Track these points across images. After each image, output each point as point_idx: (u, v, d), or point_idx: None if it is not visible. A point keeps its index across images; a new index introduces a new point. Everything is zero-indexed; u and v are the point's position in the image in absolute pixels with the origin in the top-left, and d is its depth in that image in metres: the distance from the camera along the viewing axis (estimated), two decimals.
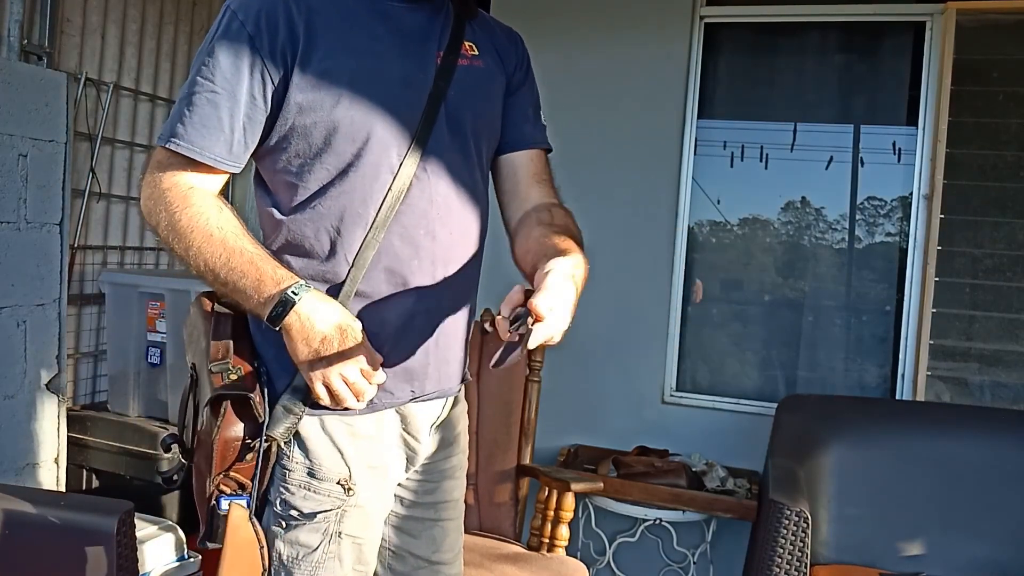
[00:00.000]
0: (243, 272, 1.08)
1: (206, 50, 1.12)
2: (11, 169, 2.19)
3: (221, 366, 1.09)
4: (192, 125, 1.10)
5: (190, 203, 1.10)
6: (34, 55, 2.38)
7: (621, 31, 2.97)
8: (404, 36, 1.18)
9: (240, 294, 1.10)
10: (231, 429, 1.09)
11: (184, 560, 2.05)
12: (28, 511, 1.60)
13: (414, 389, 1.21)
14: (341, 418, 1.16)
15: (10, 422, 2.21)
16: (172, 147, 1.11)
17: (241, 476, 1.11)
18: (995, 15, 2.71)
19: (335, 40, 1.13)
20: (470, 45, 1.23)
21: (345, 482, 1.16)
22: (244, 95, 1.10)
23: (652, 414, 2.98)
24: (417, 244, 1.16)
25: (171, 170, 1.12)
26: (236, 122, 1.11)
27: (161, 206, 1.11)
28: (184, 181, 1.12)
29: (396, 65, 1.16)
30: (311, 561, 1.16)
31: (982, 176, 2.73)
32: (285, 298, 1.07)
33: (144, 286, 2.52)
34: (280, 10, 1.11)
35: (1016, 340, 2.72)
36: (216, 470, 1.09)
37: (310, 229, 1.15)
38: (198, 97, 1.10)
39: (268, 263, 1.10)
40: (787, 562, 2.08)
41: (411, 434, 1.25)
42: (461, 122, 1.20)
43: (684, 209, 2.96)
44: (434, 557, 1.33)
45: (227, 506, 1.10)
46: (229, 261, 1.08)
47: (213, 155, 1.11)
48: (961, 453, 2.36)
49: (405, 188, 1.14)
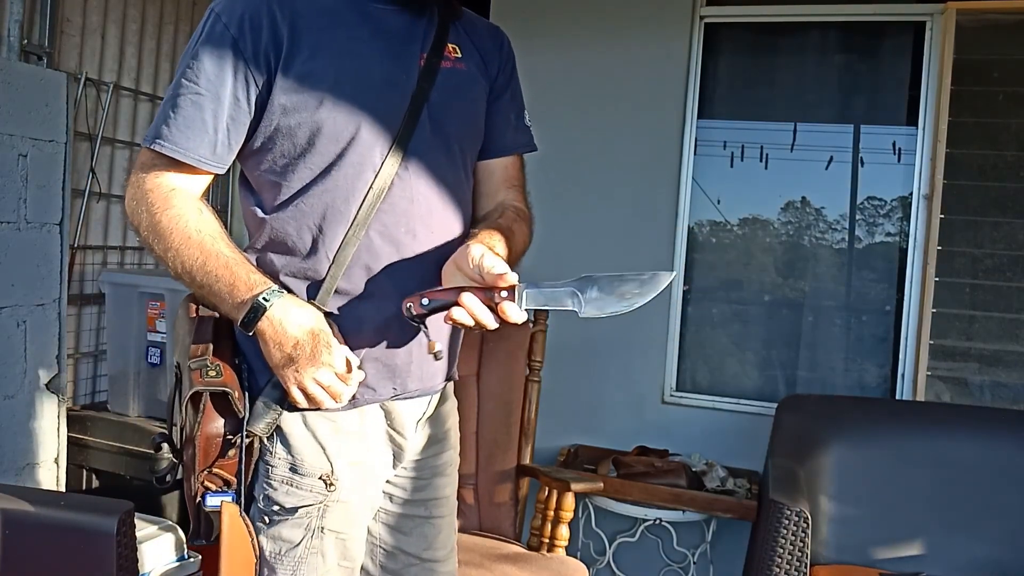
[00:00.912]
0: (218, 276, 1.10)
1: (191, 52, 1.13)
2: (11, 169, 2.19)
3: (200, 363, 1.10)
4: (176, 126, 1.11)
5: (171, 204, 1.12)
6: (34, 55, 2.38)
7: (621, 31, 2.97)
8: (388, 38, 1.18)
9: (215, 297, 1.11)
10: (212, 425, 1.10)
11: (184, 560, 2.05)
12: (28, 511, 1.59)
13: (396, 386, 1.22)
14: (323, 414, 1.17)
15: (10, 422, 2.21)
16: (156, 148, 1.12)
17: (225, 472, 1.12)
18: (995, 15, 2.71)
19: (319, 42, 1.14)
20: (454, 47, 1.24)
21: (327, 477, 1.17)
22: (228, 97, 1.12)
23: (652, 414, 2.98)
24: (398, 242, 1.17)
25: (155, 171, 1.14)
26: (220, 123, 1.12)
27: (143, 207, 1.13)
28: (167, 182, 1.13)
29: (379, 66, 1.16)
30: (293, 556, 1.17)
31: (982, 176, 2.73)
32: (257, 304, 1.08)
33: (144, 286, 2.52)
34: (263, 12, 1.12)
35: (1016, 340, 2.72)
36: (200, 466, 1.10)
37: (292, 227, 1.16)
38: (182, 99, 1.12)
39: (243, 267, 1.11)
40: (787, 562, 2.08)
41: (396, 430, 1.25)
42: (443, 123, 1.20)
43: (684, 209, 2.96)
44: (425, 554, 1.34)
45: (216, 502, 1.12)
46: (205, 264, 1.10)
47: (197, 156, 1.12)
48: (961, 453, 2.36)
49: (386, 187, 1.15)
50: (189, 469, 1.12)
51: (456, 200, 1.23)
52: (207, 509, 1.12)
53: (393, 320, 1.17)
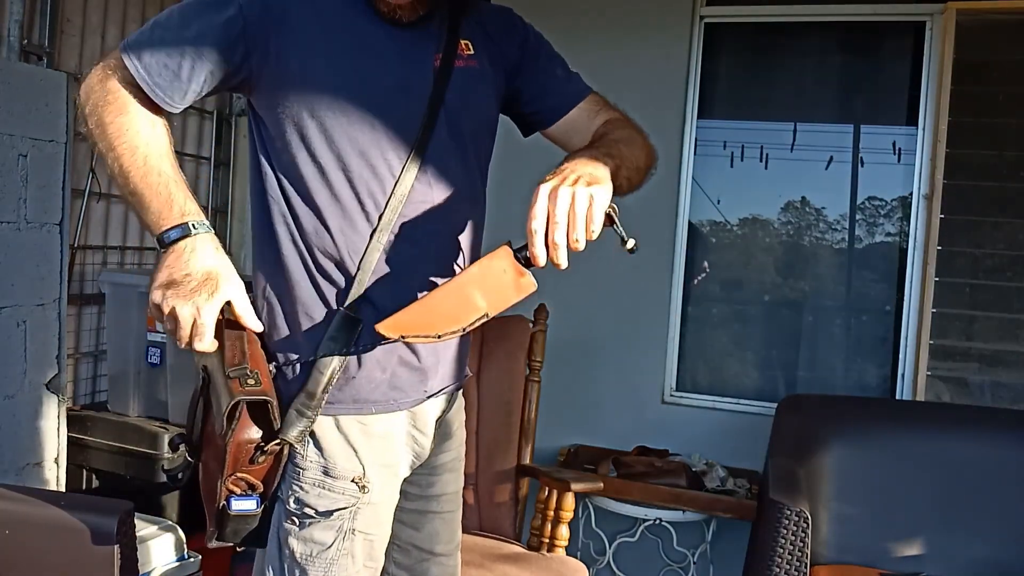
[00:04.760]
0: (157, 191, 1.09)
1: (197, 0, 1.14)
2: (11, 169, 2.19)
3: (239, 371, 1.08)
4: (156, 61, 1.12)
5: (126, 111, 1.12)
6: (34, 55, 2.38)
7: (621, 31, 2.97)
8: (403, 40, 1.18)
9: (144, 209, 1.10)
10: (245, 432, 1.09)
11: (184, 560, 2.05)
12: (28, 511, 1.59)
13: (427, 388, 1.23)
14: (355, 417, 1.18)
15: (10, 422, 2.21)
16: (132, 70, 1.12)
17: (252, 477, 1.12)
18: (995, 15, 2.70)
19: (337, 41, 1.14)
20: (466, 44, 1.24)
21: (359, 480, 1.17)
22: (213, 56, 1.12)
23: (652, 414, 2.98)
24: (420, 244, 1.17)
25: (120, 80, 1.13)
26: (196, 76, 1.12)
27: (100, 101, 1.13)
28: (126, 95, 1.13)
29: (395, 70, 1.17)
30: (325, 558, 1.17)
31: (982, 176, 2.73)
32: (185, 228, 1.07)
33: (144, 286, 2.47)
34: (281, 4, 1.13)
35: (1016, 340, 2.72)
36: (228, 471, 1.09)
37: (311, 227, 1.16)
38: (171, 36, 1.12)
39: (181, 190, 1.10)
40: (787, 562, 2.08)
41: (419, 429, 1.27)
42: (459, 124, 1.21)
43: (684, 209, 2.96)
44: (436, 549, 1.36)
45: (243, 507, 1.11)
46: (147, 176, 1.09)
47: (164, 96, 1.13)
48: (961, 453, 2.36)
49: (407, 192, 1.15)
50: (214, 472, 1.12)
51: (471, 200, 1.25)
52: (233, 513, 1.12)
53: None
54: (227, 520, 1.12)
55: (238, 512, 1.11)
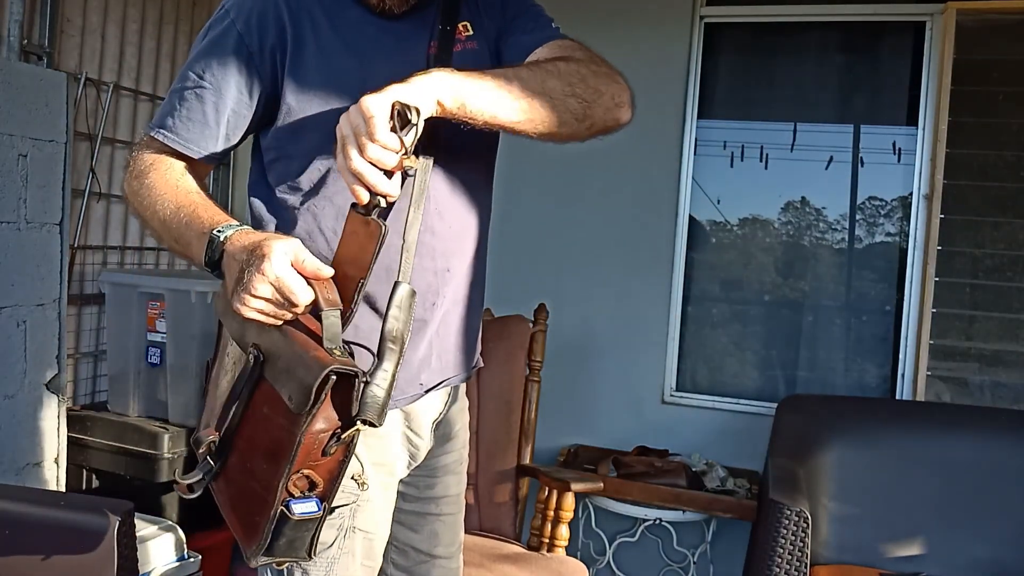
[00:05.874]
0: (189, 226, 1.04)
1: (199, 44, 1.15)
2: (11, 169, 2.19)
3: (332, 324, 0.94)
4: (179, 118, 1.13)
5: (159, 168, 1.12)
6: (34, 55, 2.38)
7: (621, 31, 2.96)
8: (395, 33, 1.17)
9: (187, 250, 1.06)
10: (323, 417, 0.92)
11: (184, 560, 2.05)
12: (28, 511, 1.59)
13: (422, 381, 1.22)
14: None
15: (10, 422, 2.21)
16: (159, 137, 1.14)
17: (316, 474, 0.95)
18: (995, 15, 2.70)
19: (327, 41, 1.14)
20: (464, 25, 1.22)
21: (358, 477, 1.16)
22: (231, 91, 1.13)
23: (652, 414, 2.97)
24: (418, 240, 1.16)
25: (157, 152, 1.15)
26: (221, 117, 1.14)
27: (137, 176, 1.12)
28: (158, 158, 1.14)
29: (387, 65, 1.15)
30: (327, 557, 1.17)
31: (982, 176, 2.73)
32: (212, 237, 1.00)
33: (144, 286, 2.52)
34: (272, 10, 1.13)
35: (1016, 340, 2.72)
36: (296, 467, 0.93)
37: (304, 230, 1.15)
38: (187, 92, 1.13)
39: (207, 213, 1.05)
40: (787, 562, 2.08)
41: (414, 431, 1.26)
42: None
43: (684, 209, 2.96)
44: (435, 551, 1.35)
45: (306, 509, 0.94)
46: (179, 210, 1.06)
47: (197, 148, 1.14)
48: (961, 453, 2.36)
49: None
50: (265, 473, 0.96)
51: (472, 194, 1.23)
52: (296, 518, 0.94)
53: (416, 320, 1.16)
54: (286, 529, 0.95)
55: (302, 516, 0.94)
